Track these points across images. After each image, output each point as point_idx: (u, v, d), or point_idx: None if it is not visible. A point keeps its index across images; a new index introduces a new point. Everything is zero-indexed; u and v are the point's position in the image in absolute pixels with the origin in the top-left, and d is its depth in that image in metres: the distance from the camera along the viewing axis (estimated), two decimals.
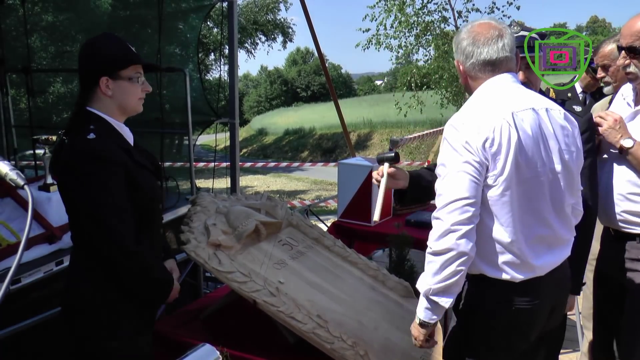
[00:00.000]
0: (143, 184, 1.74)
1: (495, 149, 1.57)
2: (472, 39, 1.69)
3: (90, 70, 1.72)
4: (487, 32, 1.68)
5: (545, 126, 1.66)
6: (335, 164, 9.20)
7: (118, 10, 4.75)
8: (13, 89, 4.26)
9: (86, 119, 1.72)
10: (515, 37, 1.81)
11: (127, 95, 1.76)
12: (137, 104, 1.81)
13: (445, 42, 13.61)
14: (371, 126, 28.27)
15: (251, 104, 52.95)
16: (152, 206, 1.82)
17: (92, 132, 1.67)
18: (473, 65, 1.71)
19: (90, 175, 1.63)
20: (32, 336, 2.37)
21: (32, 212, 1.04)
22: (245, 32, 25.59)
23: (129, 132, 1.83)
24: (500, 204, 1.60)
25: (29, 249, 2.43)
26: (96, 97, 1.74)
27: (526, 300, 1.68)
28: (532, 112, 1.64)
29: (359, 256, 2.47)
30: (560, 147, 1.67)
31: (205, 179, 6.90)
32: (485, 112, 1.62)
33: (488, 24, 1.72)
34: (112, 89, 1.72)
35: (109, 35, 1.79)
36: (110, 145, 1.68)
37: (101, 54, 1.72)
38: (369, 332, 2.01)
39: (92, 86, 1.73)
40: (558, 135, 1.67)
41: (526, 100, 1.67)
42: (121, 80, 1.73)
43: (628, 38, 2.05)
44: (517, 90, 1.70)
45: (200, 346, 1.26)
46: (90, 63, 1.72)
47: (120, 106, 1.77)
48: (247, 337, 2.11)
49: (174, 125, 4.25)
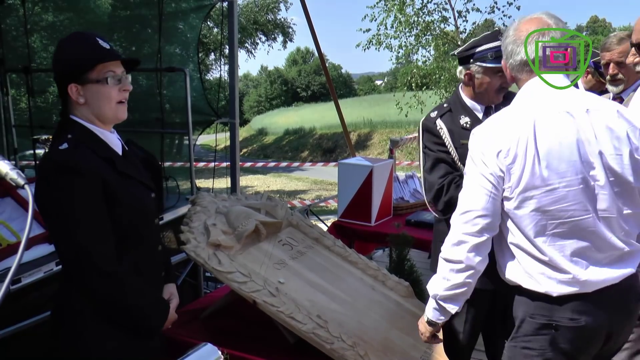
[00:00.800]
0: (125, 197, 1.56)
1: (509, 160, 1.51)
2: (515, 36, 1.61)
3: (58, 78, 1.56)
4: (531, 29, 1.58)
5: (583, 130, 1.51)
6: (336, 164, 9.19)
7: (118, 10, 4.75)
8: (13, 88, 4.27)
9: (66, 127, 1.57)
10: None
11: (101, 100, 1.55)
12: (116, 110, 1.58)
13: (445, 42, 13.60)
14: (371, 126, 28.27)
15: (251, 104, 52.95)
16: (138, 221, 1.62)
17: (66, 141, 1.51)
18: (512, 66, 1.64)
19: (57, 188, 1.47)
20: (32, 336, 2.37)
21: (32, 211, 1.04)
22: (246, 32, 25.60)
23: (117, 140, 1.66)
24: (521, 215, 1.55)
25: (29, 249, 2.42)
26: (73, 105, 1.57)
27: (567, 317, 1.54)
28: (566, 115, 1.52)
29: (359, 256, 2.46)
30: (603, 150, 1.50)
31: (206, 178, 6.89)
32: (508, 120, 1.56)
33: (537, 20, 1.60)
34: (83, 95, 1.54)
35: (75, 36, 1.61)
36: (84, 156, 1.51)
37: (64, 58, 1.55)
38: (369, 332, 2.01)
39: (64, 94, 1.56)
40: (601, 138, 1.51)
41: (561, 103, 1.55)
42: (90, 84, 1.53)
43: (639, 34, 1.96)
44: (553, 92, 1.57)
45: (201, 345, 1.26)
46: (56, 69, 1.56)
47: (97, 113, 1.57)
48: (247, 337, 2.11)
49: (174, 125, 4.25)
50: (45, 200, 1.50)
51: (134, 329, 1.60)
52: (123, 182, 1.58)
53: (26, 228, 1.01)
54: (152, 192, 1.73)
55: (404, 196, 3.57)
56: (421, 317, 1.78)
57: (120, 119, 1.62)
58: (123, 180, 1.58)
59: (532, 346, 1.61)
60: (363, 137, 27.33)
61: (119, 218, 1.55)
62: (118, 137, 1.69)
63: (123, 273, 1.54)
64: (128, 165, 1.64)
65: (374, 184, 3.17)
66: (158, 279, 1.78)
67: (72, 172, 1.47)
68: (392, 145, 5.49)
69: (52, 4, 4.67)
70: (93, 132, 1.58)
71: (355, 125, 28.11)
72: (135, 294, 1.57)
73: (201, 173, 9.12)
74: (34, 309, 2.41)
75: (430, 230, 3.13)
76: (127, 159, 1.67)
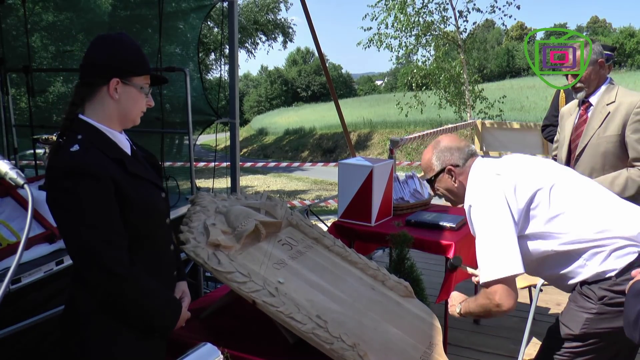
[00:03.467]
0: (136, 199, 1.56)
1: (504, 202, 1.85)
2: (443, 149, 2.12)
3: (104, 67, 1.56)
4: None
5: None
6: (336, 164, 9.19)
7: (118, 9, 4.76)
8: (13, 88, 4.27)
9: (76, 127, 1.56)
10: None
11: (133, 104, 1.61)
12: (138, 116, 1.66)
13: (446, 42, 13.60)
14: (371, 126, 28.30)
15: (251, 104, 52.98)
16: (150, 222, 1.64)
17: (77, 143, 1.51)
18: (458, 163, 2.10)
19: (69, 192, 1.46)
20: (32, 336, 2.37)
21: (32, 211, 1.04)
22: (246, 32, 25.62)
23: (126, 140, 1.67)
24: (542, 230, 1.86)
25: (29, 249, 2.42)
26: (97, 99, 1.58)
27: None
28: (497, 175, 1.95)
29: (359, 256, 2.46)
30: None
31: (206, 178, 6.90)
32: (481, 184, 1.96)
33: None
34: (119, 93, 1.58)
35: (128, 37, 1.64)
36: (96, 158, 1.51)
37: (121, 53, 1.58)
38: (368, 332, 2.01)
39: (98, 85, 1.57)
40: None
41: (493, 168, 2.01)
42: (132, 86, 1.59)
43: None
44: (488, 162, 2.05)
45: (201, 345, 1.26)
46: (108, 59, 1.56)
47: (121, 113, 1.61)
48: (247, 337, 2.11)
49: (174, 125, 4.25)
50: (57, 204, 1.50)
51: (147, 329, 1.61)
52: (134, 183, 1.58)
53: (26, 228, 1.02)
54: (163, 191, 1.74)
55: (404, 196, 3.56)
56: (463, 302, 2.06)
57: (135, 124, 1.68)
58: (134, 181, 1.58)
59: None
60: (363, 137, 27.35)
61: (132, 219, 1.56)
62: (126, 137, 1.69)
63: (136, 274, 1.54)
64: (138, 166, 1.64)
65: (374, 184, 3.16)
66: (171, 278, 1.79)
67: (85, 175, 1.47)
68: (392, 146, 5.50)
69: (52, 3, 4.67)
70: (103, 133, 1.59)
71: (356, 125, 28.14)
72: (148, 294, 1.58)
73: (201, 173, 9.13)
74: (33, 308, 2.41)
75: (430, 230, 3.14)
76: (137, 160, 1.67)
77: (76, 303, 1.60)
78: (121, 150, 1.62)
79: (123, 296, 1.52)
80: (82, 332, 1.57)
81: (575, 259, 1.84)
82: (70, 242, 1.51)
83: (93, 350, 1.56)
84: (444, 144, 2.07)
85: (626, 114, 2.62)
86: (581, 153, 2.74)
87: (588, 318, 1.80)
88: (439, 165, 2.06)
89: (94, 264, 1.48)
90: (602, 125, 2.67)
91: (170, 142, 4.78)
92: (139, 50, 1.62)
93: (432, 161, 2.08)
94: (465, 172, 2.02)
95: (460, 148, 2.05)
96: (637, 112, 2.60)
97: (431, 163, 2.09)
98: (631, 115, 2.60)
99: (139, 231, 1.59)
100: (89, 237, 1.47)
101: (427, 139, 6.50)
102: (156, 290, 1.61)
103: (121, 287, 1.50)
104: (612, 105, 2.67)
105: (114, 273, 1.48)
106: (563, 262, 1.87)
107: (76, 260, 1.53)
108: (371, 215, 3.21)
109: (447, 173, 2.05)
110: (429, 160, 2.10)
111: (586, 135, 2.73)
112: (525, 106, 25.85)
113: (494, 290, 1.80)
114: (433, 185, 2.13)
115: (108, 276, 1.48)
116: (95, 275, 1.49)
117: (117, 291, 1.51)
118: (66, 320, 1.62)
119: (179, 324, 1.71)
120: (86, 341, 1.57)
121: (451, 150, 2.05)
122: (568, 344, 1.86)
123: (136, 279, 1.53)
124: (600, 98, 2.74)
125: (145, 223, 1.61)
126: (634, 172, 2.59)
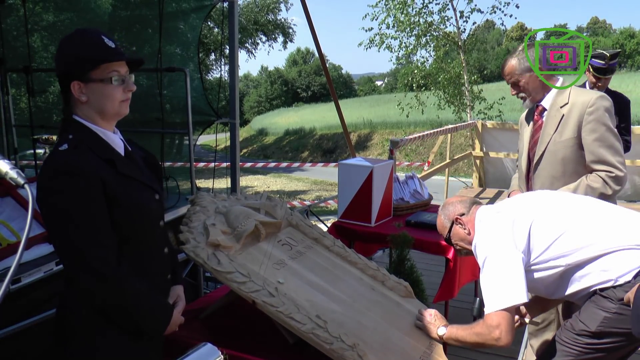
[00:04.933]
0: (125, 199, 1.54)
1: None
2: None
3: (61, 74, 1.53)
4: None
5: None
6: (336, 165, 9.19)
7: (119, 10, 4.76)
8: (14, 88, 4.27)
9: (68, 127, 1.55)
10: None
11: (104, 100, 1.53)
12: (120, 107, 1.57)
13: (446, 43, 13.61)
14: (371, 126, 28.30)
15: (251, 104, 53.00)
16: (139, 224, 1.60)
17: (66, 142, 1.50)
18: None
19: (55, 189, 1.45)
20: (32, 336, 2.37)
21: (32, 211, 1.04)
22: (246, 32, 25.63)
23: (119, 140, 1.64)
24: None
25: (29, 249, 2.43)
26: (75, 103, 1.55)
27: None
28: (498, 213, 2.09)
29: (359, 256, 2.46)
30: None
31: (206, 179, 6.90)
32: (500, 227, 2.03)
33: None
34: (85, 94, 1.52)
35: (80, 32, 1.56)
36: (83, 156, 1.49)
37: (67, 54, 1.52)
38: (368, 332, 2.01)
39: (67, 92, 1.54)
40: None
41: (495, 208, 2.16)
42: (93, 82, 1.51)
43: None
44: (488, 209, 2.17)
45: (201, 345, 1.26)
46: (60, 65, 1.53)
47: (99, 111, 1.55)
48: (246, 337, 2.11)
49: (175, 125, 4.25)
50: (44, 202, 1.48)
51: (134, 331, 1.59)
52: (124, 184, 1.55)
53: (26, 228, 1.02)
54: (156, 193, 1.70)
55: (404, 197, 3.56)
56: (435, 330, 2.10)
57: (123, 115, 1.60)
58: (124, 181, 1.56)
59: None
60: (363, 138, 27.36)
61: (120, 220, 1.53)
62: (121, 137, 1.66)
63: (122, 275, 1.51)
64: (130, 167, 1.62)
65: (374, 185, 3.16)
66: (163, 280, 1.76)
67: (70, 173, 1.45)
68: (392, 146, 5.50)
69: (53, 3, 4.67)
70: (94, 133, 1.56)
71: (356, 125, 28.15)
72: (134, 296, 1.55)
73: (201, 173, 9.13)
74: (33, 308, 2.41)
75: (429, 230, 3.14)
76: (130, 160, 1.64)
77: (66, 304, 1.59)
78: (113, 150, 1.59)
79: (108, 297, 1.50)
80: (68, 333, 1.57)
81: (588, 272, 1.88)
82: (57, 242, 1.50)
83: (78, 350, 1.56)
84: (447, 203, 2.28)
85: (580, 115, 2.45)
86: (539, 161, 2.58)
87: (606, 317, 1.81)
88: (448, 221, 2.23)
89: (79, 264, 1.47)
90: (558, 130, 2.51)
91: (170, 143, 4.78)
92: (91, 43, 1.52)
93: (443, 220, 2.26)
94: (471, 218, 2.15)
95: (463, 200, 2.23)
96: (589, 111, 2.43)
97: (442, 223, 2.26)
98: (585, 115, 2.44)
99: (128, 232, 1.56)
100: (75, 237, 1.45)
101: (426, 140, 6.52)
102: (144, 293, 1.58)
103: (106, 287, 1.49)
104: (565, 108, 2.50)
105: (99, 273, 1.47)
106: (576, 278, 1.91)
107: (63, 259, 1.52)
108: (371, 216, 3.21)
109: (456, 224, 2.19)
110: (440, 222, 2.28)
111: (542, 142, 2.57)
112: None
113: (497, 324, 1.84)
114: (451, 243, 2.27)
115: (93, 276, 1.47)
116: (81, 275, 1.48)
117: (102, 291, 1.49)
118: (56, 322, 1.61)
119: (171, 329, 1.68)
120: (72, 341, 1.56)
121: (454, 204, 2.23)
122: (581, 339, 1.88)
123: (121, 280, 1.51)
124: (554, 101, 2.55)
125: (132, 224, 1.58)
126: (592, 178, 2.43)
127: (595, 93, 2.51)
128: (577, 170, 2.49)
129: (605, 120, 2.44)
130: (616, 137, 2.47)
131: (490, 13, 13.14)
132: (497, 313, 1.85)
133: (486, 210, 2.15)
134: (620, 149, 2.47)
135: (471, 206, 2.19)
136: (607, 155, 2.42)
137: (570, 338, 1.91)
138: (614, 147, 2.44)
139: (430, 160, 8.66)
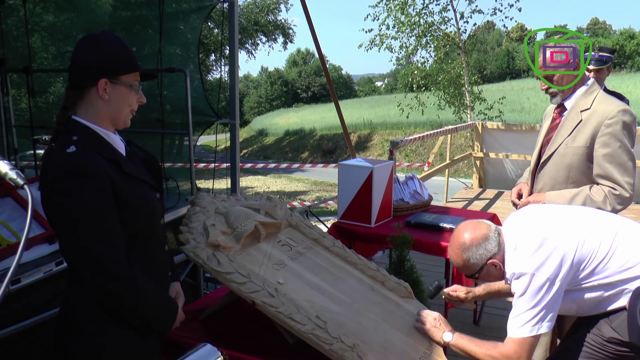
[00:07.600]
0: (132, 199, 1.56)
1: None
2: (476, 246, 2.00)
3: (92, 68, 1.54)
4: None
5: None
6: (336, 165, 9.20)
7: (119, 10, 4.76)
8: (14, 89, 4.27)
9: (70, 128, 1.55)
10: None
11: (123, 103, 1.59)
12: (128, 116, 1.64)
13: (446, 43, 13.60)
14: (371, 127, 28.31)
15: (251, 105, 53.03)
16: (146, 223, 1.63)
17: (72, 144, 1.49)
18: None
19: (69, 193, 1.45)
20: (32, 336, 2.37)
21: (31, 212, 1.04)
22: (246, 33, 25.63)
23: (120, 141, 1.66)
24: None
25: (28, 249, 2.43)
26: (87, 100, 1.57)
27: None
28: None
29: (358, 257, 2.46)
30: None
31: (206, 179, 6.91)
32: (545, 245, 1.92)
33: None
34: (109, 93, 1.56)
35: (113, 35, 1.61)
36: (93, 158, 1.50)
37: (107, 52, 1.55)
38: (368, 333, 2.01)
39: (86, 86, 1.55)
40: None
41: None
42: (121, 85, 1.57)
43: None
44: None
45: (201, 346, 1.26)
46: (93, 60, 1.54)
47: (113, 113, 1.59)
48: (246, 338, 2.11)
49: (175, 125, 4.26)
50: (55, 206, 1.47)
51: (145, 330, 1.61)
52: (129, 184, 1.57)
53: (26, 228, 1.02)
54: (157, 192, 1.74)
55: (403, 197, 3.56)
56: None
57: (125, 126, 1.66)
58: (129, 181, 1.58)
59: None
60: (363, 138, 27.37)
61: (128, 220, 1.55)
62: (121, 138, 1.69)
63: (135, 275, 1.53)
64: (133, 166, 1.64)
65: (374, 185, 3.17)
66: (166, 278, 1.79)
67: (85, 175, 1.46)
68: (392, 147, 5.50)
69: (53, 4, 4.67)
70: (97, 134, 1.57)
71: (356, 126, 28.16)
72: (147, 295, 1.57)
73: (201, 174, 9.13)
74: (33, 309, 2.41)
75: (429, 231, 3.14)
76: (131, 160, 1.67)
77: (70, 304, 1.59)
78: (116, 150, 1.61)
79: (122, 297, 1.51)
80: (74, 332, 1.57)
81: (617, 287, 1.87)
82: (68, 244, 1.50)
83: (84, 349, 1.56)
84: (469, 242, 1.95)
85: (597, 125, 2.36)
86: (546, 162, 2.54)
87: None
88: (479, 264, 1.96)
89: (93, 265, 1.47)
90: (572, 134, 2.44)
91: (170, 143, 4.78)
92: (125, 47, 1.60)
93: (470, 263, 1.97)
94: (502, 252, 1.95)
95: (486, 235, 1.95)
96: (608, 123, 2.34)
97: (469, 264, 1.98)
98: (602, 127, 2.35)
99: (135, 232, 1.58)
100: (89, 238, 1.46)
101: (426, 140, 6.52)
102: (154, 291, 1.61)
103: (120, 288, 1.50)
104: (586, 113, 2.42)
105: (115, 275, 1.48)
106: (619, 295, 1.88)
107: (74, 261, 1.52)
108: (371, 217, 3.21)
109: (490, 267, 1.95)
110: (464, 262, 1.98)
111: (554, 143, 2.51)
112: (525, 107, 25.86)
113: (518, 356, 1.83)
114: (475, 278, 2.08)
115: (107, 277, 1.47)
116: (94, 276, 1.48)
117: (116, 292, 1.50)
118: (60, 320, 1.62)
119: (175, 325, 1.71)
120: (78, 340, 1.57)
121: (480, 245, 1.94)
122: (610, 346, 1.88)
123: (135, 280, 1.52)
124: (576, 102, 2.48)
125: (139, 223, 1.60)
126: (595, 191, 2.38)
127: (619, 105, 2.40)
128: (580, 180, 2.45)
129: (621, 137, 2.35)
130: (629, 155, 2.37)
131: (491, 15, 13.16)
132: (520, 341, 1.82)
133: (517, 236, 1.94)
134: (631, 169, 2.37)
135: (498, 238, 1.95)
136: (615, 173, 2.35)
137: (597, 342, 1.89)
138: (624, 166, 2.35)
139: (430, 161, 8.67)
